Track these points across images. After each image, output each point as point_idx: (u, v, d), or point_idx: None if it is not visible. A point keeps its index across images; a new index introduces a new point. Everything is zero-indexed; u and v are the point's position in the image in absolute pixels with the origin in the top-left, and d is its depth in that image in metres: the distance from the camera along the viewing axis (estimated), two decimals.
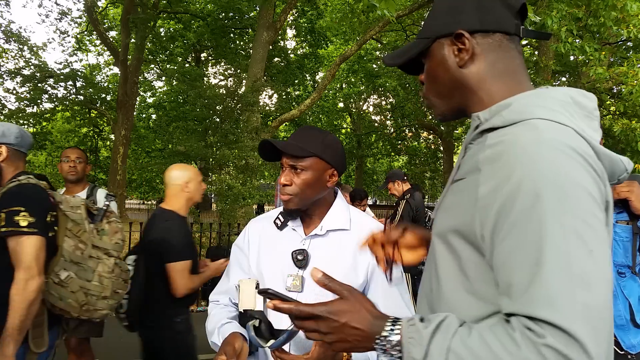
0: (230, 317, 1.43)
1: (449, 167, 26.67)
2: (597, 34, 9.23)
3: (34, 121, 20.64)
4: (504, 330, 0.71)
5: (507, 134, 0.79)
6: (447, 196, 0.91)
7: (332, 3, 16.91)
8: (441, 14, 0.92)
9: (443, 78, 0.92)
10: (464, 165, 0.88)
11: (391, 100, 25.63)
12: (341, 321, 0.79)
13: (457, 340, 0.73)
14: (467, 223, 0.80)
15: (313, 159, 1.33)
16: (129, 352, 4.29)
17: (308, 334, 0.84)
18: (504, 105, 0.84)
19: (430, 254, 0.94)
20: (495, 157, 0.77)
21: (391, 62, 1.00)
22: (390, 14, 5.21)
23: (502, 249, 0.73)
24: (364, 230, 1.37)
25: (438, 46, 0.91)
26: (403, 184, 4.42)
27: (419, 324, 0.77)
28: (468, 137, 0.89)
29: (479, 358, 0.70)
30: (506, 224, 0.73)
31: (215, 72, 25.78)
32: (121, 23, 17.23)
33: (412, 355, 0.74)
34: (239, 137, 8.28)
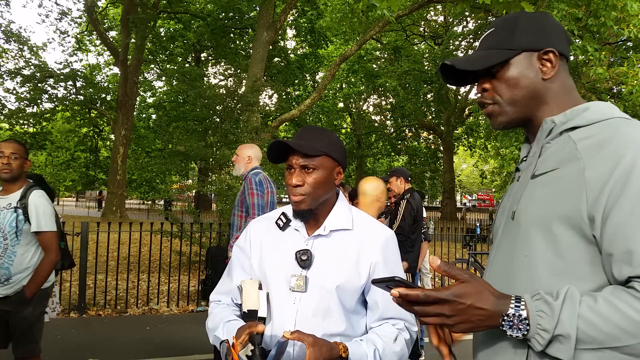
0: (236, 316, 1.43)
1: (449, 167, 26.67)
2: (597, 34, 9.23)
3: (34, 121, 20.65)
4: (628, 294, 0.79)
5: (598, 128, 0.92)
6: (532, 189, 0.99)
7: (332, 3, 16.90)
8: (528, 32, 1.03)
9: (524, 87, 1.02)
10: (545, 161, 0.99)
11: (391, 100, 25.63)
12: (467, 303, 0.85)
13: (585, 307, 0.80)
14: (573, 206, 0.87)
15: (323, 158, 1.33)
16: (129, 352, 4.29)
17: (430, 319, 0.88)
18: (581, 109, 0.98)
19: (507, 246, 1.02)
20: (599, 145, 0.88)
21: (469, 67, 1.05)
22: (390, 13, 5.20)
23: (619, 221, 0.82)
24: (366, 230, 1.37)
25: (523, 58, 1.02)
26: (405, 183, 4.41)
27: (547, 297, 0.84)
28: (541, 139, 1.02)
29: (609, 320, 0.78)
30: (622, 199, 0.82)
31: (215, 72, 25.82)
32: (121, 23, 17.22)
33: (544, 326, 0.81)
34: (239, 137, 8.28)
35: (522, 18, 1.05)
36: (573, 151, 0.92)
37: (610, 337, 0.78)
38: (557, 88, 1.02)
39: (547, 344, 0.83)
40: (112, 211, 18.07)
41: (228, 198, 7.56)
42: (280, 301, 1.34)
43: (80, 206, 35.86)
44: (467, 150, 26.77)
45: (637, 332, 0.76)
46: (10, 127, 20.83)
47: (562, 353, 0.82)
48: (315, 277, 1.32)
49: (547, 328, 0.81)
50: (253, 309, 1.32)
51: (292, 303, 1.32)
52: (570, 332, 0.80)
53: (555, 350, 0.82)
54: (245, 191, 3.60)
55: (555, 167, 0.95)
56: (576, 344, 0.80)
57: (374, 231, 1.37)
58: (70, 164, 28.58)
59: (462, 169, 51.92)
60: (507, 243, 1.02)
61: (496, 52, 1.03)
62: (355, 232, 1.36)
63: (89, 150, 27.94)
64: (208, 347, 4.63)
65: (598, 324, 0.78)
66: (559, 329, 0.80)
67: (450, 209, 25.69)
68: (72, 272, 6.61)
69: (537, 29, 1.03)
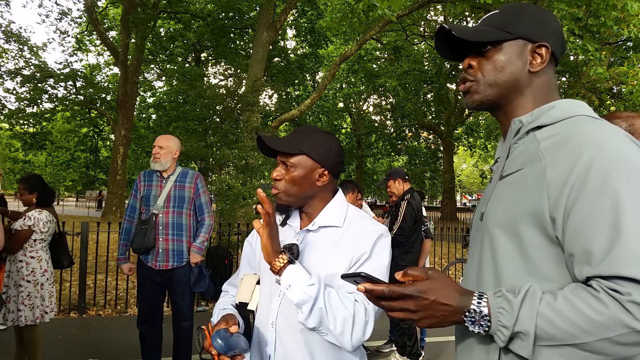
0: (232, 306, 1.49)
1: (448, 167, 26.66)
2: (597, 34, 9.23)
3: (34, 121, 20.64)
4: (588, 293, 0.79)
5: (562, 127, 0.93)
6: (499, 190, 1.00)
7: (332, 3, 16.90)
8: (529, 20, 1.03)
9: (509, 73, 1.02)
10: (512, 161, 0.99)
11: (391, 100, 25.62)
12: (431, 299, 0.87)
13: (544, 304, 0.81)
14: (535, 206, 0.88)
15: (301, 157, 1.36)
16: (129, 352, 4.29)
17: (396, 313, 0.91)
18: (547, 108, 0.98)
19: (477, 246, 1.03)
20: (559, 145, 0.89)
21: (465, 35, 1.04)
22: (391, 12, 5.19)
23: (578, 221, 0.82)
24: (356, 228, 1.38)
25: (516, 44, 1.02)
26: (404, 183, 4.38)
27: (507, 294, 0.85)
28: (510, 139, 1.03)
29: (566, 318, 0.79)
30: (580, 198, 0.82)
31: (215, 72, 25.79)
32: (121, 23, 17.23)
33: (503, 323, 0.83)
34: (239, 137, 8.27)
35: (528, 8, 1.06)
36: (536, 151, 0.93)
37: (568, 335, 0.79)
38: (539, 83, 1.03)
39: (508, 340, 0.84)
40: (112, 211, 18.07)
41: (228, 198, 7.56)
42: (267, 293, 1.39)
43: (80, 206, 35.86)
44: (467, 150, 26.77)
45: (593, 330, 0.77)
46: (10, 127, 20.83)
47: (522, 349, 0.83)
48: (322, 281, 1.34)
49: (507, 325, 0.83)
50: (243, 301, 1.37)
51: (277, 295, 1.36)
52: (528, 329, 0.81)
53: (516, 346, 0.84)
54: (198, 189, 3.53)
55: (520, 168, 0.96)
56: (535, 341, 0.81)
57: (364, 228, 1.38)
58: (70, 164, 28.56)
59: (462, 169, 51.90)
60: (477, 245, 1.04)
61: (494, 31, 1.03)
62: (343, 229, 1.38)
63: (89, 150, 27.92)
64: None
65: (556, 322, 0.80)
66: (518, 326, 0.82)
67: (450, 209, 25.68)
68: (72, 272, 6.61)
69: (539, 23, 1.03)
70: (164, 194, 3.43)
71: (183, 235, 3.44)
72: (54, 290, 3.66)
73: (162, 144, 3.47)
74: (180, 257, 3.44)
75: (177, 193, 3.46)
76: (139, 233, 3.40)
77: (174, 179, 3.49)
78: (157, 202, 3.41)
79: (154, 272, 3.42)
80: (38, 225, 3.45)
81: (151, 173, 3.53)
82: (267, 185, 10.00)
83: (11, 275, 3.47)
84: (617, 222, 0.79)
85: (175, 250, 3.42)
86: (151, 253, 3.40)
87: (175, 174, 3.51)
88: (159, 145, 3.47)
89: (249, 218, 7.99)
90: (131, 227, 3.54)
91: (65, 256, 3.82)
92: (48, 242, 3.63)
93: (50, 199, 3.67)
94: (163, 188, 3.46)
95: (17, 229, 3.41)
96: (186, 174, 3.54)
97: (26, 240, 3.44)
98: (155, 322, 3.52)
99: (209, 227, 3.57)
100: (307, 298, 1.19)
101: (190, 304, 3.59)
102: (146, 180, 3.52)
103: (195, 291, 3.53)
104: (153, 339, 3.51)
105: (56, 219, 3.72)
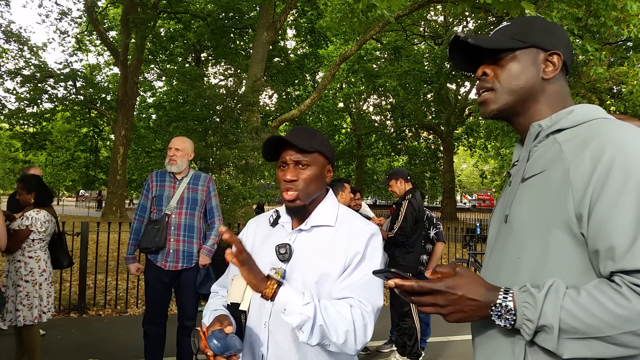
0: (223, 307, 1.48)
1: (448, 167, 26.65)
2: (597, 34, 9.22)
3: (34, 121, 20.64)
4: (610, 287, 0.82)
5: (582, 130, 0.95)
6: (522, 193, 1.02)
7: (332, 3, 16.90)
8: (542, 30, 1.07)
9: (524, 80, 1.05)
10: (533, 164, 1.02)
11: (391, 100, 25.62)
12: (459, 294, 0.92)
13: (567, 299, 0.84)
14: (561, 207, 0.90)
15: (316, 155, 1.37)
16: (129, 352, 4.29)
17: (426, 308, 0.95)
18: (566, 112, 1.01)
19: (498, 248, 1.06)
20: (581, 146, 0.91)
21: (481, 43, 1.07)
22: (390, 13, 5.18)
23: (601, 218, 0.85)
24: (348, 228, 1.38)
25: (530, 53, 1.06)
26: (405, 183, 4.37)
27: (532, 289, 0.88)
28: (529, 143, 1.05)
29: (589, 312, 0.81)
30: (603, 196, 0.85)
31: (215, 72, 25.79)
32: (121, 23, 17.21)
33: (528, 316, 0.86)
34: (239, 137, 8.27)
35: (540, 20, 1.11)
36: (558, 153, 0.95)
37: (592, 328, 0.81)
38: (553, 90, 1.06)
39: (533, 334, 0.87)
40: (112, 211, 18.07)
41: (228, 198, 7.55)
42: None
43: (80, 206, 35.87)
44: (467, 150, 26.78)
45: (617, 324, 0.80)
46: (10, 127, 20.83)
47: (547, 342, 0.86)
48: (294, 270, 1.34)
49: (532, 318, 0.86)
50: (235, 302, 1.35)
51: None
52: (553, 323, 0.83)
53: (541, 340, 0.87)
54: (209, 192, 3.56)
55: (542, 170, 0.98)
56: (560, 334, 0.84)
57: (356, 227, 1.38)
58: (70, 164, 28.57)
59: (462, 169, 51.91)
60: (500, 246, 1.06)
61: (508, 40, 1.07)
62: (336, 229, 1.38)
63: (89, 150, 27.93)
64: None
65: (579, 316, 0.82)
66: (543, 319, 0.85)
67: (450, 209, 25.68)
68: (72, 272, 6.61)
69: (551, 33, 1.08)
70: (177, 195, 3.45)
71: (194, 237, 3.47)
72: (52, 290, 3.65)
73: (179, 145, 3.48)
74: (190, 259, 3.46)
75: (190, 195, 3.49)
76: (149, 232, 3.40)
77: (187, 181, 3.51)
78: (170, 203, 3.42)
79: (163, 272, 3.43)
80: (36, 225, 3.45)
81: (164, 173, 3.54)
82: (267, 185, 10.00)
83: (10, 275, 3.47)
84: (638, 218, 0.82)
85: (185, 251, 3.43)
86: (161, 253, 3.41)
87: (189, 176, 3.53)
88: (175, 147, 3.48)
89: (248, 218, 7.98)
90: (141, 227, 3.53)
91: (64, 256, 3.82)
92: (47, 242, 3.63)
93: (49, 198, 3.67)
94: (176, 189, 3.47)
95: (15, 229, 3.41)
96: (199, 177, 3.57)
97: (24, 240, 3.43)
98: (160, 322, 3.54)
99: (218, 230, 3.59)
100: (306, 319, 1.16)
101: (195, 305, 3.61)
102: (158, 180, 3.53)
103: (200, 292, 3.54)
104: (157, 339, 3.52)
105: (55, 219, 3.71)
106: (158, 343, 3.53)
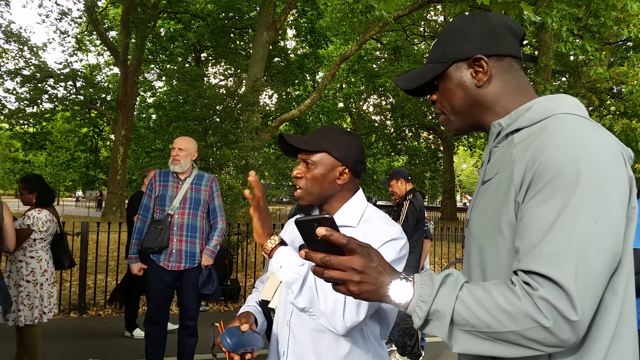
0: (257, 302, 1.52)
1: (448, 167, 26.66)
2: (597, 34, 9.23)
3: (34, 121, 20.64)
4: (506, 285, 0.81)
5: (535, 128, 0.91)
6: (480, 197, 1.00)
7: (332, 3, 16.90)
8: (455, 41, 1.02)
9: (462, 97, 1.02)
10: (491, 166, 0.99)
11: (391, 100, 25.62)
12: (376, 262, 0.87)
13: (465, 290, 0.82)
14: (507, 210, 0.88)
15: (322, 155, 1.37)
16: (129, 352, 4.29)
17: (334, 272, 0.86)
18: (524, 109, 0.96)
19: (466, 253, 1.03)
20: (527, 146, 0.88)
21: (405, 86, 1.07)
22: (389, 14, 5.18)
23: (525, 218, 0.83)
24: (371, 227, 1.36)
25: (455, 69, 1.02)
26: (406, 183, 4.38)
27: (433, 274, 0.86)
28: (490, 143, 1.02)
29: (482, 306, 0.79)
30: (532, 196, 0.83)
31: (215, 72, 25.79)
32: (121, 23, 17.21)
33: (423, 297, 0.83)
34: (239, 137, 8.27)
35: (453, 27, 1.05)
36: (510, 154, 0.92)
37: (481, 323, 0.80)
38: (495, 92, 1.00)
39: (425, 320, 0.84)
40: (112, 211, 18.08)
41: (228, 198, 7.55)
42: (285, 292, 1.39)
43: (80, 206, 35.87)
44: (467, 150, 26.79)
45: (504, 321, 0.78)
46: (10, 127, 20.84)
47: (438, 331, 0.83)
48: None
49: (426, 300, 0.83)
50: (265, 299, 1.40)
51: None
52: (446, 310, 0.81)
53: (433, 328, 0.84)
54: (212, 193, 3.57)
55: (497, 172, 0.95)
56: (452, 324, 0.82)
57: (375, 229, 1.35)
58: (70, 164, 28.57)
59: (462, 169, 51.92)
60: (466, 251, 1.04)
61: (432, 67, 1.04)
62: (358, 229, 1.37)
63: (89, 150, 27.94)
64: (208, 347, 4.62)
65: (472, 307, 0.80)
66: (436, 304, 0.82)
67: (450, 209, 25.69)
68: (72, 272, 6.61)
69: (465, 37, 1.02)
70: (180, 195, 3.44)
71: (197, 237, 3.47)
72: (54, 290, 3.65)
73: (182, 145, 3.48)
74: (192, 259, 3.46)
75: (194, 195, 3.48)
76: (151, 232, 3.40)
77: (191, 181, 3.50)
78: (173, 203, 3.42)
79: (166, 272, 3.43)
80: (37, 225, 3.45)
81: (167, 173, 3.54)
82: (267, 185, 10.00)
83: (11, 275, 3.47)
84: (553, 222, 0.78)
85: (188, 251, 3.43)
86: (164, 253, 3.40)
87: (192, 176, 3.53)
88: (179, 147, 3.47)
89: (248, 218, 7.98)
90: (144, 227, 3.53)
91: (66, 257, 3.82)
92: (49, 242, 3.62)
93: (50, 198, 3.67)
94: (179, 189, 3.47)
95: (16, 228, 3.41)
96: (202, 177, 3.56)
97: (25, 239, 3.43)
98: (162, 322, 3.54)
99: (221, 231, 3.61)
100: (297, 277, 1.20)
101: (197, 305, 3.61)
102: (162, 180, 3.52)
103: (202, 292, 3.54)
104: (159, 339, 3.52)
105: (57, 219, 3.71)
106: (159, 343, 3.52)
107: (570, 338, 0.76)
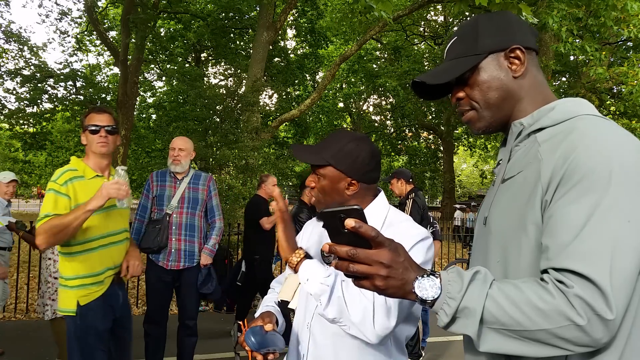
0: (276, 303, 1.52)
1: (448, 167, 26.66)
2: (597, 34, 9.23)
3: (34, 121, 20.63)
4: (537, 283, 0.80)
5: (560, 128, 0.92)
6: (501, 194, 1.00)
7: (332, 3, 16.90)
8: (491, 33, 1.03)
9: (498, 89, 1.02)
10: (513, 165, 0.99)
11: (391, 100, 25.61)
12: (402, 257, 0.86)
13: (495, 287, 0.81)
14: (533, 208, 0.88)
15: (328, 168, 1.34)
16: None
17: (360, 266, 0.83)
18: (547, 109, 0.97)
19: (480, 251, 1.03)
20: (556, 145, 0.88)
21: (433, 81, 1.04)
22: (387, 15, 5.18)
23: (552, 215, 0.83)
24: (397, 233, 1.31)
25: (491, 60, 1.02)
26: (407, 184, 4.39)
27: (461, 271, 0.84)
28: (511, 142, 1.03)
29: (514, 303, 0.78)
30: (562, 194, 0.83)
31: (215, 72, 25.78)
32: (121, 23, 17.20)
33: (452, 294, 0.81)
34: (239, 137, 8.27)
35: (482, 21, 1.06)
36: (536, 153, 0.93)
37: (513, 320, 0.78)
38: (528, 84, 1.02)
39: (452, 318, 0.81)
40: None
41: (228, 198, 7.56)
42: (305, 294, 1.38)
43: None
44: (467, 150, 26.79)
45: (536, 318, 0.77)
46: (10, 127, 20.84)
47: (467, 328, 0.81)
48: (338, 274, 1.33)
49: (455, 297, 0.80)
50: (285, 300, 1.39)
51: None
52: (476, 307, 0.79)
53: (460, 326, 0.82)
54: (210, 192, 3.58)
55: (520, 170, 0.95)
56: (481, 323, 0.80)
57: (401, 232, 1.30)
58: None
59: (462, 169, 51.90)
60: (481, 249, 1.03)
61: (463, 60, 1.03)
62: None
63: None
64: (208, 347, 4.62)
65: (503, 304, 0.79)
66: (466, 301, 0.80)
67: (450, 209, 25.68)
68: None
69: (498, 29, 1.03)
70: (177, 195, 3.46)
71: (195, 236, 3.48)
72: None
73: (182, 145, 3.49)
74: (191, 258, 3.47)
75: (191, 194, 3.49)
76: (150, 232, 3.41)
77: (188, 181, 3.52)
78: (171, 203, 3.43)
79: (165, 272, 3.44)
80: None
81: (164, 173, 3.54)
82: None
83: (42, 271, 3.73)
84: (586, 221, 0.79)
85: (187, 250, 3.45)
86: (163, 253, 3.42)
87: (189, 176, 3.54)
88: (178, 147, 3.48)
89: None
90: (142, 227, 3.53)
91: None
92: None
93: None
94: (177, 189, 3.48)
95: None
96: (199, 176, 3.57)
97: None
98: (162, 322, 3.55)
99: (220, 230, 3.63)
100: (324, 288, 1.20)
101: (197, 304, 3.64)
102: (159, 180, 3.53)
103: (202, 292, 3.55)
104: (158, 339, 3.53)
105: None
106: (159, 343, 3.53)
107: (603, 337, 0.75)
